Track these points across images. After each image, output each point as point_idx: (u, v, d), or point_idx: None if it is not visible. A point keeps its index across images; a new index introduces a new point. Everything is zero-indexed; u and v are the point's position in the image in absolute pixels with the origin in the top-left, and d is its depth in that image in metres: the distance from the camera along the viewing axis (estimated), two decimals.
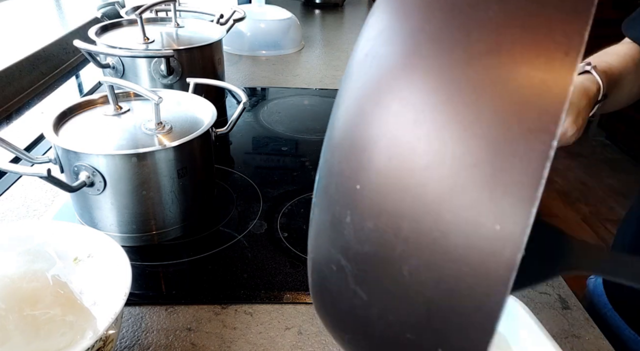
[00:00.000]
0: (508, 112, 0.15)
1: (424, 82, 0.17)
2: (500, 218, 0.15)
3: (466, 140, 0.16)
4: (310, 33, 1.40)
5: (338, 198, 0.20)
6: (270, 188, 0.64)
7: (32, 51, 0.90)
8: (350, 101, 0.21)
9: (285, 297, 0.47)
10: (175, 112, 0.57)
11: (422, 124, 0.17)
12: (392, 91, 0.18)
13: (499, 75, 0.16)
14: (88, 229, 0.43)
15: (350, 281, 0.20)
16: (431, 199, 0.16)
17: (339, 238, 0.20)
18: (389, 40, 0.20)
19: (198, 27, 0.88)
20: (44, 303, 0.36)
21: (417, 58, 0.18)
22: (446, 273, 0.16)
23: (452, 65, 0.17)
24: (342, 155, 0.20)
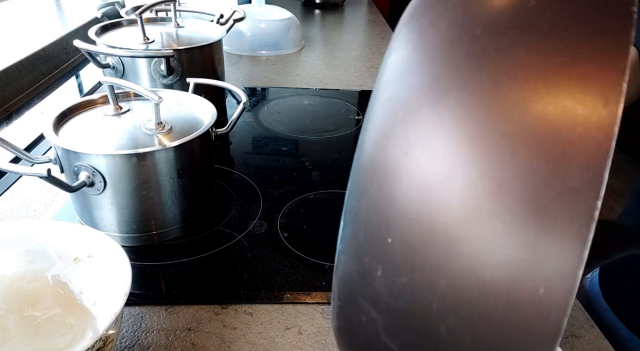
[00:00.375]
0: (547, 168, 0.14)
1: (455, 133, 0.16)
2: (544, 281, 0.14)
3: (504, 197, 0.15)
4: (310, 33, 1.40)
5: (367, 249, 0.19)
6: (270, 188, 0.64)
7: (32, 51, 0.90)
8: (376, 146, 0.20)
9: (285, 297, 0.47)
10: (175, 112, 0.57)
11: (455, 179, 0.16)
12: (420, 141, 0.17)
13: (534, 128, 0.15)
14: (88, 229, 0.43)
15: (381, 334, 0.19)
16: (469, 256, 0.15)
17: (370, 289, 0.19)
18: (412, 85, 0.19)
19: (198, 27, 0.88)
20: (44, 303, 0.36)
21: (445, 107, 0.17)
22: (486, 334, 0.15)
23: (483, 117, 0.16)
24: (371, 204, 0.19)
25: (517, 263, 0.14)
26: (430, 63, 0.18)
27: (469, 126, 0.16)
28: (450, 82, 0.17)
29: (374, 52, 1.25)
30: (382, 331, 0.19)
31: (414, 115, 0.18)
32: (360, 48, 1.28)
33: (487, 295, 0.15)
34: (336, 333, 0.23)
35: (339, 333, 0.23)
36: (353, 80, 1.04)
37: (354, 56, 1.21)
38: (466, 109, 0.16)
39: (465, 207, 0.15)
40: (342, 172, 0.69)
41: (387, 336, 0.18)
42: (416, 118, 0.18)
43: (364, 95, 0.98)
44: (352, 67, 1.13)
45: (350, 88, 1.00)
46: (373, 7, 1.76)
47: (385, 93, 0.20)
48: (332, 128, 0.82)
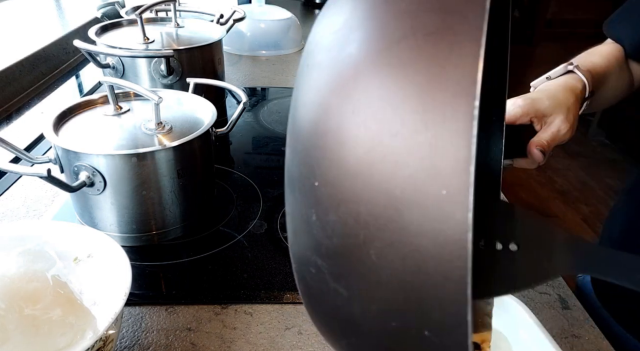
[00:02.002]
0: (432, 85, 0.16)
1: (360, 73, 0.18)
2: (443, 182, 0.15)
3: (400, 116, 0.17)
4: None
5: (302, 200, 0.21)
6: (270, 188, 0.64)
7: (32, 51, 0.90)
8: (300, 103, 0.22)
9: (285, 297, 0.47)
10: (175, 112, 0.57)
11: (360, 112, 0.18)
12: (333, 88, 0.19)
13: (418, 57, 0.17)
14: (88, 229, 0.43)
15: (329, 280, 0.20)
16: (379, 179, 0.17)
17: (311, 238, 0.20)
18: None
19: (198, 27, 0.88)
20: (44, 303, 0.36)
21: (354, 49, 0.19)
22: (409, 248, 0.16)
23: (378, 52, 0.18)
24: (300, 159, 0.21)
25: (418, 172, 0.16)
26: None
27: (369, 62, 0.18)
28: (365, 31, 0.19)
29: None
30: (328, 276, 0.20)
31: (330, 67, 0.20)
32: None
33: (400, 211, 0.16)
34: (303, 302, 0.25)
35: (304, 300, 0.25)
36: None
37: None
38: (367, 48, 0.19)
39: (369, 135, 0.17)
40: None
41: (334, 280, 0.20)
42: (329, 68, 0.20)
43: None
44: None
45: None
46: None
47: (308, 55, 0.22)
48: None
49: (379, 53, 0.18)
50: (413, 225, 0.16)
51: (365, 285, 0.18)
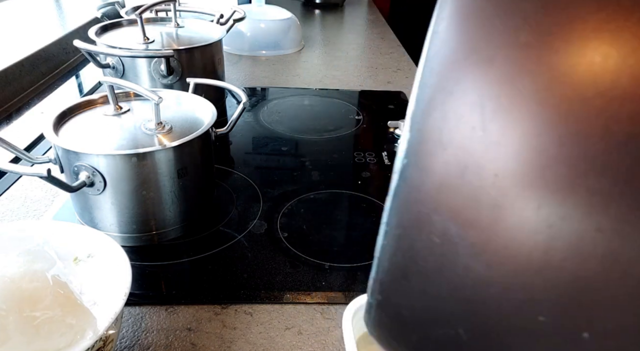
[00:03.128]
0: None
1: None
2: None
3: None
4: (310, 33, 1.40)
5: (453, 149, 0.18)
6: (270, 188, 0.64)
7: (32, 51, 0.90)
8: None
9: (285, 297, 0.47)
10: (175, 112, 0.57)
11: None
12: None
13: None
14: (88, 229, 0.43)
15: (462, 254, 0.17)
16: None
17: (449, 200, 0.18)
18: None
19: (198, 27, 0.88)
20: (44, 303, 0.36)
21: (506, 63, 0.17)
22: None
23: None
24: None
25: None
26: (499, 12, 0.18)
27: (565, 95, 0.16)
28: (527, 35, 0.17)
29: (374, 52, 1.25)
30: (462, 250, 0.17)
31: (488, 71, 0.18)
32: (360, 48, 1.28)
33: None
34: (385, 280, 0.21)
35: (392, 277, 0.21)
36: (353, 80, 1.04)
37: (354, 56, 1.21)
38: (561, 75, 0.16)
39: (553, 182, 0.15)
40: (342, 172, 0.69)
41: (471, 255, 0.17)
42: (496, 78, 0.18)
43: (364, 95, 0.98)
44: (352, 67, 1.13)
45: (350, 88, 1.00)
46: (373, 7, 1.76)
47: (445, 48, 0.20)
48: (332, 128, 0.82)
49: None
50: None
51: (522, 268, 0.16)
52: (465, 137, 0.17)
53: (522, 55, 0.17)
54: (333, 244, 0.55)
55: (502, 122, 0.17)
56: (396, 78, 1.07)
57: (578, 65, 0.16)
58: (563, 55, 0.16)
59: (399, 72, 1.11)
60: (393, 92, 0.99)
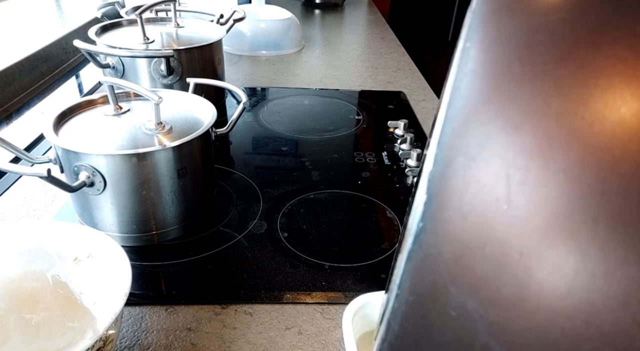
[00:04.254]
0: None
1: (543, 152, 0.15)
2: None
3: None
4: (310, 33, 1.40)
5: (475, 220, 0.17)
6: (270, 188, 0.64)
7: (32, 51, 0.90)
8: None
9: (285, 297, 0.47)
10: (175, 112, 0.57)
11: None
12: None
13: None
14: (88, 229, 0.43)
15: (479, 331, 0.16)
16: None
17: (468, 274, 0.17)
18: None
19: (198, 27, 0.88)
20: (44, 304, 0.36)
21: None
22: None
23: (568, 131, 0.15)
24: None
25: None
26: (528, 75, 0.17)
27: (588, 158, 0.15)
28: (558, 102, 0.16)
29: (374, 52, 1.25)
30: (481, 326, 0.16)
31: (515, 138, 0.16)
32: (360, 48, 1.28)
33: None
34: (394, 343, 0.20)
35: (402, 342, 0.20)
36: (353, 80, 1.04)
37: (354, 56, 1.21)
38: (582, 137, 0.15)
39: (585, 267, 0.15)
40: (342, 172, 0.69)
41: (489, 334, 0.16)
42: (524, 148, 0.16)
43: (364, 95, 0.98)
44: (352, 67, 1.13)
45: (350, 89, 1.00)
46: (373, 7, 1.76)
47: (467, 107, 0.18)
48: (332, 128, 0.82)
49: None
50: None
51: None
52: (488, 209, 0.16)
53: (553, 125, 0.16)
54: (333, 244, 0.55)
55: (529, 196, 0.16)
56: (396, 78, 1.07)
57: (614, 139, 0.15)
58: (598, 127, 0.15)
59: (399, 72, 1.11)
60: (393, 92, 0.99)
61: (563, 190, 0.15)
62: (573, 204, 0.15)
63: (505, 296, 0.16)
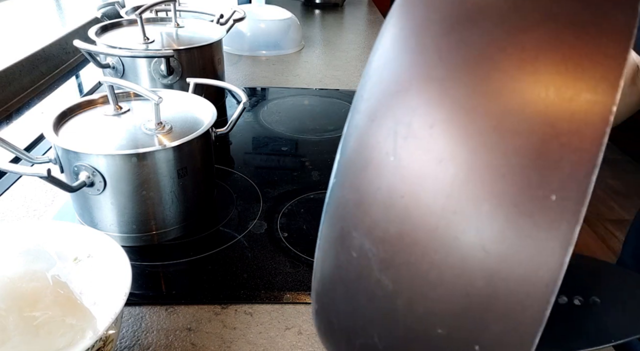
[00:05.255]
0: (533, 165, 0.15)
1: (443, 121, 0.18)
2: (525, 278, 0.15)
3: (488, 192, 0.16)
4: (310, 33, 1.40)
5: (371, 171, 0.20)
6: (270, 188, 0.64)
7: (32, 51, 0.90)
8: (364, 132, 0.21)
9: (285, 297, 0.47)
10: (175, 112, 0.57)
11: (444, 171, 0.17)
12: (409, 127, 0.19)
13: (519, 120, 0.16)
14: (88, 229, 0.43)
15: (373, 268, 0.19)
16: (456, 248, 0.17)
17: (365, 217, 0.19)
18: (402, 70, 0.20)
19: (198, 27, 0.88)
20: (43, 304, 0.36)
21: (434, 95, 0.18)
22: (487, 269, 0.16)
23: (471, 105, 0.17)
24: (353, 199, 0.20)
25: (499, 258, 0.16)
26: (419, 47, 0.20)
27: (463, 126, 0.17)
28: (439, 69, 0.18)
29: None
30: (374, 264, 0.19)
31: (404, 100, 0.19)
32: (360, 48, 1.28)
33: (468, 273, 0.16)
34: (317, 288, 0.23)
35: (320, 285, 0.23)
36: (353, 80, 1.04)
37: (354, 56, 1.21)
38: (454, 98, 0.18)
39: (452, 200, 0.17)
40: None
41: (381, 270, 0.19)
42: (409, 107, 0.19)
43: None
44: (352, 67, 1.13)
45: (350, 89, 1.00)
46: (373, 7, 1.76)
47: (374, 77, 0.21)
48: (332, 128, 0.82)
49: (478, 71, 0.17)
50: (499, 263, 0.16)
51: (421, 283, 0.18)
52: (380, 160, 0.19)
53: (432, 89, 0.18)
54: None
55: (410, 148, 0.18)
56: None
57: (479, 98, 0.17)
58: (468, 88, 0.17)
59: None
60: None
61: (435, 141, 0.18)
62: (441, 154, 0.17)
63: (390, 235, 0.18)
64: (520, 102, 0.16)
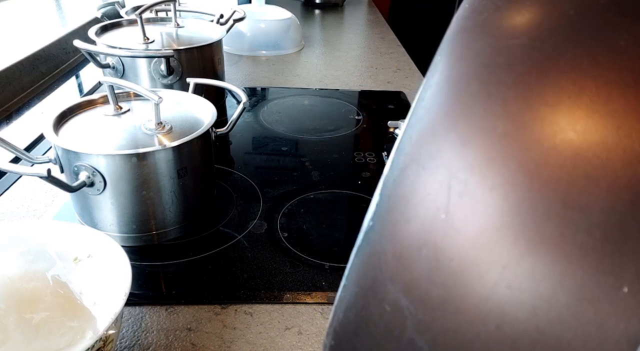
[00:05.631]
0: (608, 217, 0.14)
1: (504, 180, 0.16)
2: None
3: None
4: (310, 33, 1.40)
5: (416, 224, 0.18)
6: (270, 188, 0.64)
7: (32, 51, 0.90)
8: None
9: (285, 297, 0.47)
10: (175, 112, 0.57)
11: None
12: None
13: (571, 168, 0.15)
14: (88, 229, 0.43)
15: (407, 327, 0.18)
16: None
17: (404, 273, 0.18)
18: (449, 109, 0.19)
19: (198, 27, 0.88)
20: (43, 304, 0.36)
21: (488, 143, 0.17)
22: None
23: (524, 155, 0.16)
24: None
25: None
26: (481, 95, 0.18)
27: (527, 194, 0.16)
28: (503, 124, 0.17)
29: (374, 52, 1.25)
30: (410, 324, 0.18)
31: (461, 153, 0.18)
32: (360, 48, 1.28)
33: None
34: (337, 332, 0.21)
35: (343, 330, 0.21)
36: (353, 80, 1.04)
37: (354, 56, 1.21)
38: (519, 160, 0.16)
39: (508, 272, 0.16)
40: (342, 172, 0.69)
41: (417, 331, 0.17)
42: (467, 163, 0.17)
43: (364, 95, 0.98)
44: (352, 67, 1.13)
45: (350, 89, 1.00)
46: (373, 7, 1.76)
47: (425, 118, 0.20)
48: (332, 128, 0.82)
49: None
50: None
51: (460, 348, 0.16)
52: (429, 215, 0.18)
53: (495, 145, 0.17)
54: (333, 244, 0.55)
55: (466, 209, 0.17)
56: (396, 78, 1.07)
57: (545, 163, 0.16)
58: (533, 151, 0.16)
59: (399, 72, 1.11)
60: (393, 92, 0.99)
61: (494, 206, 0.16)
62: (500, 220, 0.16)
63: (433, 297, 0.17)
64: (596, 173, 0.15)
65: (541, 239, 0.15)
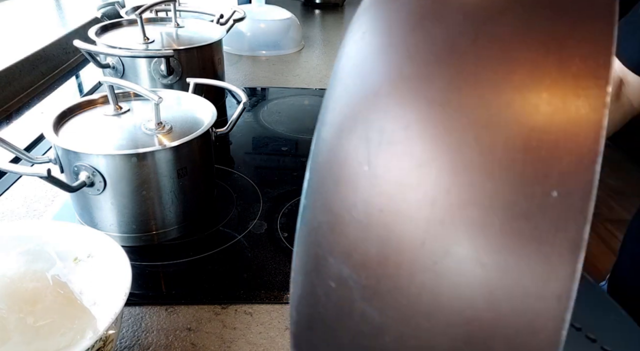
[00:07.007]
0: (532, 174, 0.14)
1: (424, 130, 0.16)
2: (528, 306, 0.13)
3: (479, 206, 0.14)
4: (310, 33, 1.40)
5: (344, 187, 0.18)
6: (270, 188, 0.64)
7: (32, 51, 0.90)
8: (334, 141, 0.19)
9: (285, 297, 0.47)
10: (175, 112, 0.57)
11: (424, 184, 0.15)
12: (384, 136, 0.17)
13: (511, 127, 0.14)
14: (88, 229, 0.43)
15: (356, 298, 0.17)
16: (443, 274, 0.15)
17: (341, 240, 0.17)
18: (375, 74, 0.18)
19: (198, 27, 0.88)
20: (43, 303, 0.36)
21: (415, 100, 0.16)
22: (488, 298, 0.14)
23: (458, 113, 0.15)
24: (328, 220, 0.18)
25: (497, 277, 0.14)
26: (386, 47, 0.18)
27: (441, 123, 0.16)
28: (409, 67, 0.17)
29: None
30: (357, 293, 0.17)
31: (373, 104, 0.17)
32: None
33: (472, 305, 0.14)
34: (296, 333, 0.20)
35: (299, 328, 0.21)
36: None
37: None
38: (427, 95, 0.16)
39: (437, 208, 0.15)
40: None
41: (364, 299, 0.16)
42: (380, 111, 0.17)
43: None
44: None
45: None
46: None
47: (339, 86, 0.19)
48: None
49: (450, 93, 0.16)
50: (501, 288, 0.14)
51: (412, 311, 0.15)
52: (353, 173, 0.17)
53: (402, 86, 0.17)
54: None
55: (386, 155, 0.16)
56: None
57: (454, 92, 0.16)
58: (441, 83, 0.16)
59: None
60: None
61: (412, 144, 0.16)
62: (420, 157, 0.16)
63: (371, 256, 0.16)
64: (498, 91, 0.15)
65: (464, 165, 0.15)
